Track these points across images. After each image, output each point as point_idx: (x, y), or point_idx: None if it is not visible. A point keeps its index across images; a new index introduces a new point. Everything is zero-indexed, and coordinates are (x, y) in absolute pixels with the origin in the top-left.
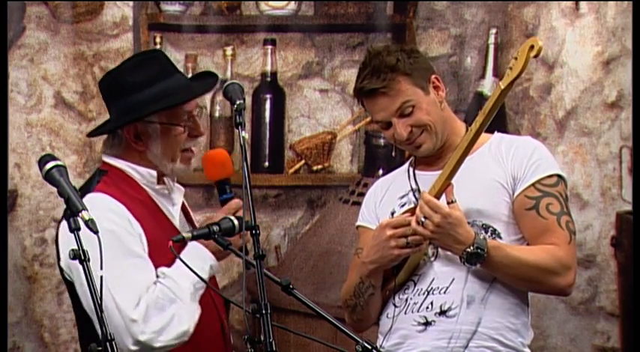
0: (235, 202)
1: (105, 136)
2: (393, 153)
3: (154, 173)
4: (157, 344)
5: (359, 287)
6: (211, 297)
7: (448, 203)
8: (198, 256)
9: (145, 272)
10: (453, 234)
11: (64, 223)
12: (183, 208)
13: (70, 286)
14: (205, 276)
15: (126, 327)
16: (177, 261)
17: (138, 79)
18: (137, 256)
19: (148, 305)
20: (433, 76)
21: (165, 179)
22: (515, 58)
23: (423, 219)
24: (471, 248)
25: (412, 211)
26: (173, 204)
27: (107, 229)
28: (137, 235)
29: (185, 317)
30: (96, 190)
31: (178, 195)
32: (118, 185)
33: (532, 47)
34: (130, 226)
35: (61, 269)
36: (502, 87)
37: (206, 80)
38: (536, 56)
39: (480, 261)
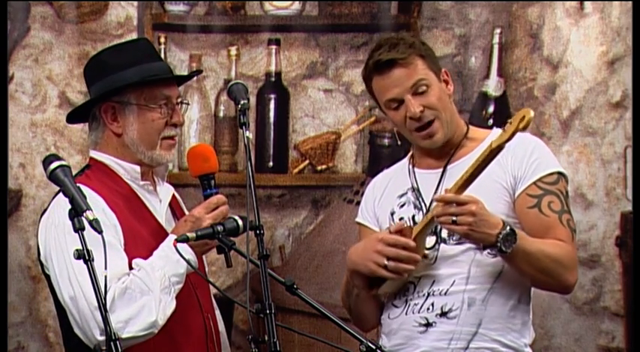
0: (216, 198)
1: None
2: (399, 142)
3: (138, 168)
4: (125, 335)
5: (348, 286)
6: (195, 295)
7: None
8: (175, 249)
9: (116, 262)
10: (487, 219)
11: (44, 218)
12: (174, 206)
13: (49, 280)
14: (182, 271)
15: (92, 315)
16: (154, 253)
17: (119, 62)
18: (108, 246)
19: (116, 295)
20: (443, 70)
21: (154, 177)
22: (510, 123)
23: (454, 218)
24: (507, 229)
25: (404, 230)
26: (160, 201)
27: None
28: (112, 226)
29: (154, 309)
30: (76, 182)
31: (166, 192)
32: (100, 178)
33: (523, 118)
34: (104, 216)
35: (41, 264)
36: (493, 146)
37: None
38: (524, 129)
39: (514, 244)
